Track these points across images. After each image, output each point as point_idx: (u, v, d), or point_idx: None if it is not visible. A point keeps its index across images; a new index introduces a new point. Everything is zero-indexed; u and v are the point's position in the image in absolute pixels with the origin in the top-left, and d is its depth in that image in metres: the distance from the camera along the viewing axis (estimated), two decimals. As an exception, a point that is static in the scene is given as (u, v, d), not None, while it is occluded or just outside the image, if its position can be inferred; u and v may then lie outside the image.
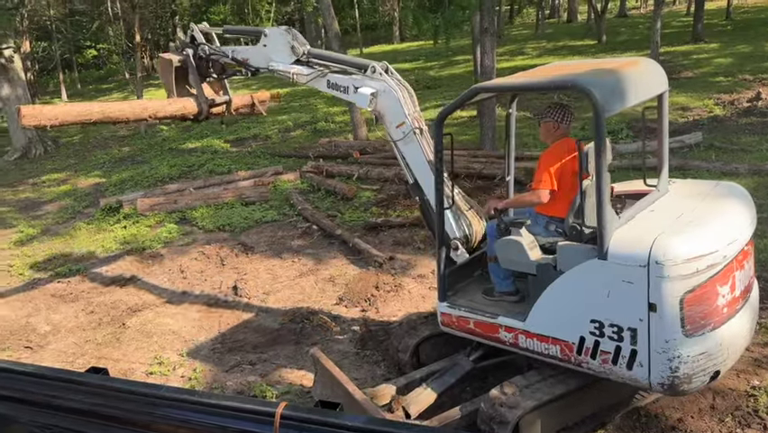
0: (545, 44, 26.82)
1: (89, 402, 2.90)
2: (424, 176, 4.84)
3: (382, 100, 4.83)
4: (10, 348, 6.38)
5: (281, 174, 11.78)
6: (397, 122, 4.83)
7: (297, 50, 5.22)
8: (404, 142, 4.84)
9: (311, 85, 5.21)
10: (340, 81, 5.05)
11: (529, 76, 4.48)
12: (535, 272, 4.19)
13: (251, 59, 5.54)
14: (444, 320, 4.63)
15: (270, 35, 5.36)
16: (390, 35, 37.76)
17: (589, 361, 3.90)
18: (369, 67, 4.89)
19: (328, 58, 5.27)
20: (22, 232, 10.38)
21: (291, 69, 5.25)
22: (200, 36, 5.83)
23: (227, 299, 7.13)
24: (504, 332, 4.28)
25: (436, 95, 18.54)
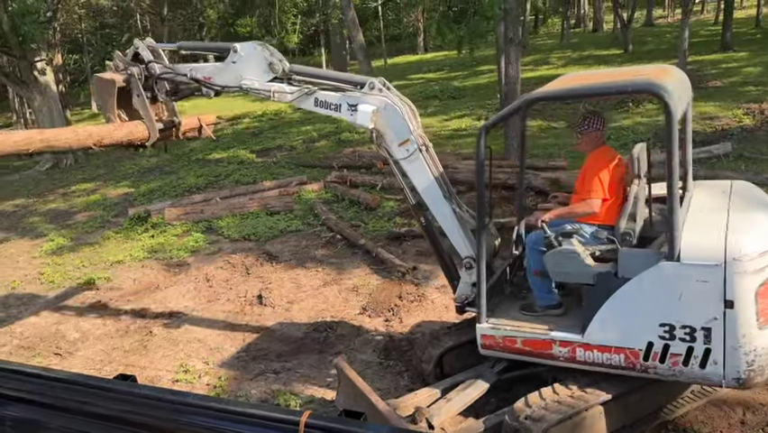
0: (570, 54, 26.66)
1: (117, 409, 2.95)
2: (431, 195, 4.68)
3: (383, 117, 4.57)
4: (40, 355, 6.51)
5: (306, 184, 11.86)
6: (400, 139, 4.59)
7: (276, 67, 4.81)
8: (408, 160, 4.63)
9: (295, 104, 4.84)
10: (330, 99, 4.70)
11: (577, 82, 4.36)
12: (593, 282, 4.09)
13: (216, 77, 5.04)
14: (486, 343, 4.39)
15: (243, 51, 4.89)
16: (415, 46, 37.91)
17: (657, 366, 3.88)
18: (366, 83, 4.62)
19: (314, 74, 4.96)
20: (52, 241, 10.60)
21: (271, 86, 4.84)
22: (148, 53, 5.28)
23: (252, 308, 7.19)
24: (558, 347, 4.15)
25: (460, 105, 18.54)
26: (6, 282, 8.81)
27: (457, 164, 11.23)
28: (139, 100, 5.24)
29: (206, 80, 5.10)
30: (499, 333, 4.34)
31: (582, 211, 4.32)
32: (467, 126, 15.68)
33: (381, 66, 22.14)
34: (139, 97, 5.23)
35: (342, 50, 29.78)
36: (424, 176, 4.68)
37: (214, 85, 5.07)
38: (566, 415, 3.94)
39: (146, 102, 5.24)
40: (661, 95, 3.63)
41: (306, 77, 4.88)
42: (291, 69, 4.84)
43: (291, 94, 4.79)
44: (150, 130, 5.26)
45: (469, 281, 4.74)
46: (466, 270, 4.71)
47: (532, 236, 4.50)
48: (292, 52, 40.19)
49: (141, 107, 5.26)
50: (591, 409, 4.04)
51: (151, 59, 5.27)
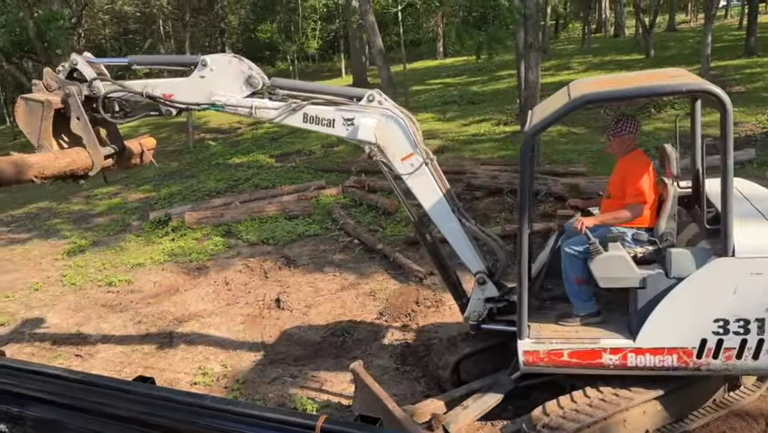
0: (591, 59, 26.46)
1: (136, 411, 2.98)
2: (438, 211, 4.53)
3: (385, 131, 4.31)
4: (61, 356, 6.61)
5: (324, 189, 11.91)
6: (404, 153, 4.37)
7: (256, 82, 4.37)
8: (413, 176, 4.40)
9: (279, 121, 4.43)
10: (322, 114, 4.36)
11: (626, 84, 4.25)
12: (643, 285, 4.06)
13: (180, 94, 4.47)
14: (530, 359, 4.20)
15: (214, 64, 4.38)
16: (434, 51, 37.91)
17: (710, 362, 3.93)
18: (365, 95, 4.34)
19: (301, 88, 4.55)
20: (74, 243, 10.76)
21: (251, 102, 4.40)
22: (90, 70, 4.57)
23: (270, 312, 7.22)
24: (609, 355, 4.08)
25: (479, 110, 18.49)
26: (29, 283, 8.96)
27: (475, 169, 11.20)
28: (80, 123, 4.50)
29: (167, 98, 4.49)
30: (544, 347, 4.16)
31: (628, 216, 4.27)
32: (485, 131, 15.64)
33: (400, 71, 22.12)
34: (80, 120, 4.49)
35: (362, 55, 29.88)
36: (430, 191, 4.47)
37: (177, 103, 4.49)
38: (584, 424, 3.91)
39: (89, 125, 4.52)
40: (718, 95, 3.66)
41: (292, 91, 4.46)
42: (273, 82, 4.43)
43: (275, 110, 4.38)
44: (93, 157, 4.52)
45: (482, 297, 4.66)
46: (479, 285, 4.62)
47: (572, 244, 4.36)
48: (312, 58, 40.46)
49: (84, 132, 4.51)
50: (610, 419, 4.00)
51: (95, 77, 4.55)
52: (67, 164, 4.40)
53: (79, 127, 4.53)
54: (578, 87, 4.24)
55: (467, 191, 10.26)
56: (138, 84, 4.56)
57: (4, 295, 8.61)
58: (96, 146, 4.56)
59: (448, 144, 14.59)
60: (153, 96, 4.50)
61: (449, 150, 14.07)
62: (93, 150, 4.53)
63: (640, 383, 4.14)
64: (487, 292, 4.64)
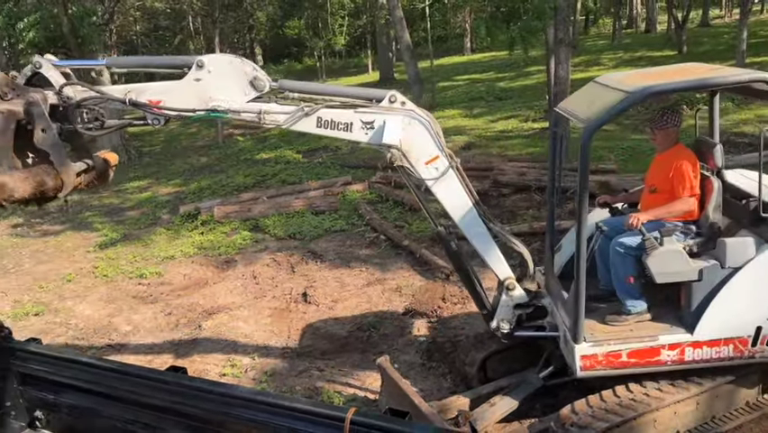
0: (622, 55, 26.06)
1: (168, 400, 3.05)
2: (465, 217, 4.36)
3: (408, 133, 4.07)
4: (93, 346, 6.75)
5: (350, 184, 11.94)
6: (427, 158, 4.14)
7: (261, 84, 3.91)
8: (439, 181, 4.19)
9: (289, 127, 4.04)
10: (338, 117, 4.03)
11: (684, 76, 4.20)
12: (699, 278, 4.04)
13: (170, 100, 3.91)
14: (587, 364, 4.08)
15: (212, 66, 3.88)
16: (461, 47, 37.70)
17: (765, 349, 3.98)
18: (386, 96, 4.07)
19: (313, 90, 4.20)
20: (106, 236, 10.96)
21: (257, 107, 3.95)
22: (57, 74, 3.87)
23: (297, 306, 7.28)
24: (667, 351, 4.06)
25: (507, 106, 18.35)
26: (62, 275, 9.16)
27: (503, 166, 11.12)
28: (46, 137, 3.75)
29: (155, 105, 3.91)
30: (602, 349, 4.06)
31: (681, 210, 4.25)
32: (513, 128, 15.51)
33: (427, 67, 22.05)
34: (46, 133, 3.74)
35: (389, 51, 29.85)
36: (456, 196, 4.28)
37: (167, 110, 3.91)
38: (613, 423, 3.86)
39: (57, 139, 3.79)
40: None
41: (303, 93, 4.10)
42: (281, 84, 4.04)
43: (286, 114, 3.98)
44: (63, 176, 3.77)
45: (510, 304, 4.57)
46: (507, 292, 4.54)
47: (623, 242, 4.27)
48: (338, 54, 40.54)
49: (52, 146, 3.75)
50: (640, 418, 3.95)
51: (64, 82, 3.86)
52: (36, 186, 3.71)
53: (46, 141, 3.73)
54: (616, 81, 4.19)
55: (494, 188, 10.19)
56: (119, 89, 3.93)
57: (38, 286, 8.82)
58: (67, 163, 3.82)
59: (475, 141, 14.51)
60: (138, 104, 3.89)
61: (476, 146, 13.99)
62: (63, 167, 3.77)
63: (672, 383, 4.09)
64: (516, 298, 4.54)
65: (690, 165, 4.26)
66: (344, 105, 4.08)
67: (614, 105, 3.79)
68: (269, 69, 37.89)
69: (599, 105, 3.96)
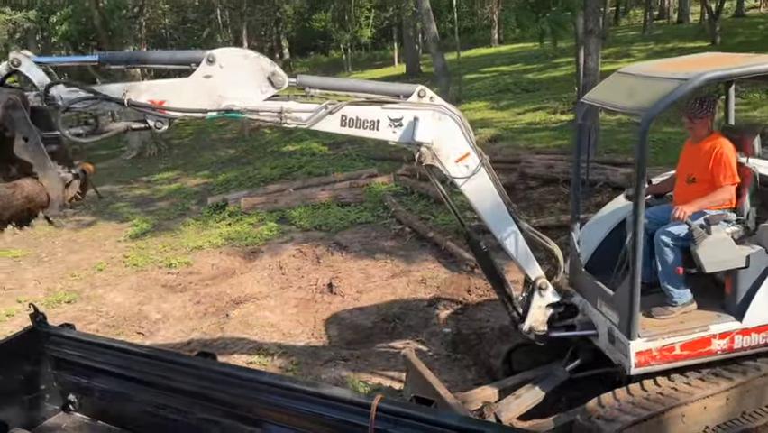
0: (653, 46, 25.56)
1: (198, 385, 3.11)
2: (496, 216, 4.18)
3: (439, 130, 3.86)
4: (123, 333, 6.89)
5: (375, 177, 11.96)
6: (458, 155, 3.95)
7: (279, 80, 3.55)
8: (470, 180, 4.00)
9: (311, 126, 3.70)
10: (364, 114, 3.74)
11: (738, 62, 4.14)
12: (747, 265, 4.01)
13: (176, 99, 3.49)
14: (641, 360, 4.00)
15: (224, 61, 3.48)
16: (489, 38, 37.37)
17: None
18: (414, 90, 3.82)
19: (334, 86, 3.84)
20: (136, 226, 11.16)
21: (279, 105, 3.60)
22: (39, 72, 3.36)
23: (322, 296, 7.34)
24: (717, 341, 4.04)
25: (535, 98, 18.17)
26: (94, 264, 9.36)
27: (530, 158, 11.02)
28: (29, 145, 3.26)
29: (158, 105, 3.47)
30: (656, 344, 3.99)
31: (724, 198, 4.22)
32: (541, 120, 15.35)
33: (454, 59, 21.91)
34: (28, 142, 3.25)
35: (415, 43, 29.73)
36: (487, 194, 4.09)
37: (173, 111, 3.49)
38: (641, 417, 3.82)
39: (41, 147, 3.26)
40: None
41: (325, 90, 3.76)
42: (301, 80, 3.66)
43: (308, 112, 3.65)
44: (49, 190, 3.28)
45: (543, 305, 4.46)
46: (539, 292, 4.40)
47: (670, 231, 4.21)
48: (365, 47, 40.51)
49: (35, 156, 3.25)
50: (668, 413, 3.90)
51: (50, 82, 3.36)
52: (24, 201, 3.22)
53: (28, 150, 3.22)
54: (643, 70, 4.18)
55: (520, 181, 10.12)
56: (116, 88, 3.44)
57: (70, 274, 9.03)
58: (54, 175, 3.31)
59: (502, 133, 14.41)
60: (138, 105, 3.42)
61: (503, 139, 13.89)
62: (50, 180, 3.27)
63: (701, 378, 4.04)
64: (548, 298, 4.43)
65: (730, 153, 4.23)
66: (370, 102, 3.79)
67: (670, 92, 3.69)
68: (296, 62, 38.10)
69: (650, 93, 3.85)
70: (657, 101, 3.71)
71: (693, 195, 4.29)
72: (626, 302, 3.95)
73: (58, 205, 3.35)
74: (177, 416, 3.25)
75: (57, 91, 3.33)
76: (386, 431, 2.43)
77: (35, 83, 3.35)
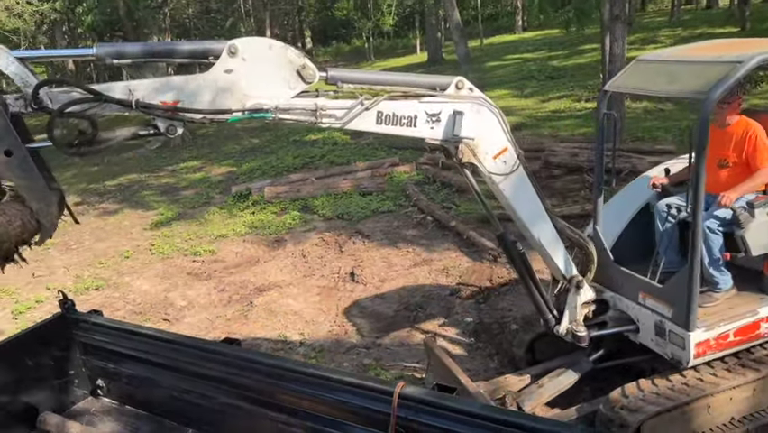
0: (680, 32, 25.04)
1: (223, 371, 3.16)
2: (534, 215, 3.97)
3: (480, 124, 3.58)
4: (150, 320, 7.00)
5: (397, 166, 11.96)
6: (496, 150, 3.69)
7: (310, 74, 3.09)
8: (508, 176, 3.76)
9: (345, 125, 3.32)
10: (401, 110, 3.38)
11: None
12: None
13: (191, 99, 2.95)
14: (700, 351, 3.94)
15: (248, 53, 2.98)
16: (512, 25, 36.96)
17: None
18: (450, 83, 3.51)
19: (366, 80, 3.42)
20: (162, 214, 11.31)
21: (313, 103, 3.17)
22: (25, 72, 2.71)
23: (345, 285, 7.38)
24: (765, 323, 4.06)
25: (559, 85, 17.94)
26: (121, 251, 9.52)
27: (554, 146, 10.92)
28: (15, 161, 2.63)
29: (171, 107, 2.93)
30: (712, 333, 3.95)
31: (764, 181, 4.18)
32: (566, 108, 15.17)
33: (477, 46, 21.73)
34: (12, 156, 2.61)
35: (437, 31, 29.51)
36: (524, 192, 3.86)
37: (189, 113, 2.95)
38: (665, 407, 3.79)
39: (30, 163, 2.68)
40: None
41: (358, 84, 3.34)
42: (332, 75, 3.23)
43: (347, 110, 3.26)
44: (40, 214, 2.73)
45: (578, 303, 4.34)
46: (576, 290, 4.27)
47: (716, 217, 4.15)
48: (386, 35, 40.34)
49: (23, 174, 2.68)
50: (693, 404, 3.86)
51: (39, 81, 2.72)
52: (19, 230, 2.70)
53: (12, 168, 2.64)
54: (667, 55, 4.12)
55: (544, 169, 10.03)
56: (119, 88, 2.87)
57: (98, 262, 9.20)
58: (49, 196, 2.73)
59: (526, 121, 14.28)
60: (148, 106, 2.87)
61: (527, 127, 13.77)
62: (42, 203, 2.70)
63: (728, 369, 3.99)
64: (584, 296, 4.32)
65: (763, 136, 4.18)
66: (406, 96, 3.44)
67: (726, 75, 3.60)
68: (318, 50, 38.10)
69: (703, 77, 3.75)
70: (716, 84, 3.62)
71: (727, 179, 4.25)
72: (682, 294, 3.87)
73: (52, 233, 2.77)
74: (202, 401, 3.30)
75: (47, 93, 2.70)
76: (408, 418, 2.44)
77: (18, 83, 2.69)
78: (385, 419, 2.47)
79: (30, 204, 2.68)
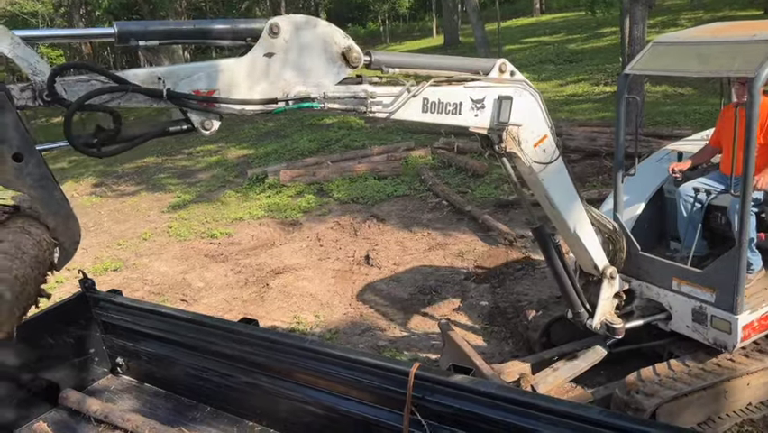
0: (702, 15, 24.57)
1: (240, 349, 3.20)
2: (572, 205, 3.81)
3: (522, 110, 3.34)
4: (168, 301, 7.08)
5: (413, 150, 11.92)
6: (537, 138, 3.47)
7: (356, 57, 2.70)
8: (549, 166, 3.56)
9: (391, 115, 2.99)
10: (446, 96, 3.11)
11: None
12: None
13: (229, 88, 2.50)
14: (746, 333, 3.90)
15: (291, 32, 2.56)
16: (530, 8, 36.48)
17: None
18: (495, 64, 3.25)
19: (410, 64, 3.07)
20: (179, 197, 11.40)
21: (362, 90, 2.81)
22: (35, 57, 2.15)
23: (360, 268, 7.40)
24: None
25: (577, 69, 17.73)
26: (139, 233, 9.62)
27: (572, 131, 10.81)
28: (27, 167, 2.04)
29: (206, 96, 2.46)
30: (757, 314, 3.91)
31: None
32: (583, 92, 15.00)
33: (494, 29, 21.49)
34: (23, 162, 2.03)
35: (454, 14, 29.23)
36: (562, 181, 3.69)
37: (227, 103, 2.51)
38: (681, 392, 3.78)
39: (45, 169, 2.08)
40: None
41: (403, 68, 3.00)
42: (376, 59, 2.82)
43: (395, 97, 2.94)
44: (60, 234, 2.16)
45: (611, 295, 4.27)
46: (608, 281, 4.19)
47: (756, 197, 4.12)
48: (403, 18, 40.02)
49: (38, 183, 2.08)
50: (710, 389, 3.85)
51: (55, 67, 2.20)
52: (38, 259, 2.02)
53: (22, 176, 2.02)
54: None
55: (561, 153, 9.94)
56: (146, 74, 2.37)
57: (116, 243, 9.31)
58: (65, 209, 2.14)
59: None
60: (180, 96, 2.40)
61: (543, 111, 13.63)
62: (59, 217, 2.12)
63: (746, 354, 3.97)
64: (616, 287, 4.26)
65: None
66: (450, 81, 3.15)
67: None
68: (334, 33, 37.87)
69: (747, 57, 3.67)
70: (764, 62, 3.55)
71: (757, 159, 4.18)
72: (727, 277, 3.82)
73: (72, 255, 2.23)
74: (220, 379, 3.34)
75: (66, 84, 2.22)
76: (423, 398, 2.46)
77: (25, 70, 2.13)
78: (401, 398, 2.49)
79: (45, 220, 2.07)
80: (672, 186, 4.68)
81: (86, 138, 2.31)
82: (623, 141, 4.52)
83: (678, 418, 3.81)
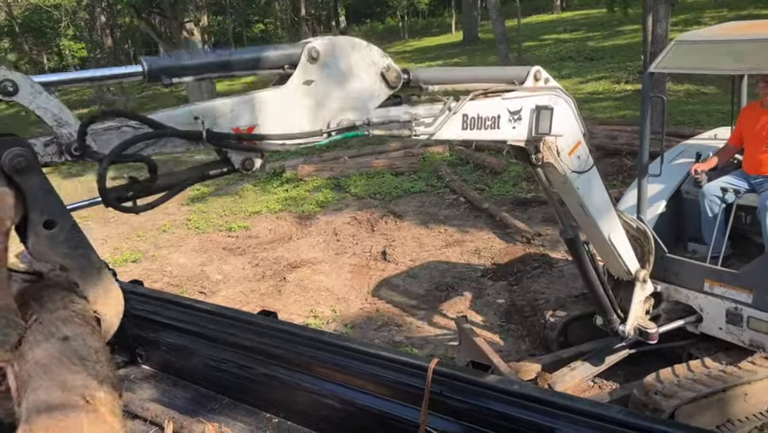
0: (726, 13, 24.21)
1: (259, 341, 3.21)
2: (606, 213, 3.73)
3: (559, 119, 3.17)
4: (186, 292, 7.15)
5: (430, 146, 11.90)
6: (572, 145, 3.35)
7: (394, 77, 2.47)
8: (584, 174, 3.45)
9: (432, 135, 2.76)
10: (484, 110, 2.92)
11: None
12: None
13: (270, 122, 2.21)
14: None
15: (331, 55, 2.31)
16: (550, 5, 36.18)
17: None
18: (528, 73, 3.11)
19: (452, 79, 2.88)
20: (197, 190, 11.47)
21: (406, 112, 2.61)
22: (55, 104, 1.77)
23: (376, 263, 7.42)
24: None
25: (598, 67, 17.57)
26: (158, 225, 9.71)
27: (592, 129, 10.72)
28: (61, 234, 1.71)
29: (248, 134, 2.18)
30: None
31: None
32: (604, 90, 14.87)
33: (514, 25, 21.35)
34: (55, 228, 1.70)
35: (474, 10, 29.07)
36: (597, 189, 3.59)
37: (270, 139, 2.21)
38: (700, 394, 3.75)
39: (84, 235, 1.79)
40: None
41: (443, 84, 2.79)
42: (416, 77, 2.58)
43: (437, 117, 2.72)
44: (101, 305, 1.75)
45: (642, 299, 4.23)
46: (640, 285, 4.15)
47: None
48: (421, 13, 39.89)
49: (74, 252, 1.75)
50: (730, 391, 3.81)
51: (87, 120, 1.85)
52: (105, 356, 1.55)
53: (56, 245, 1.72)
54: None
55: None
56: (183, 114, 2.05)
57: (136, 235, 9.41)
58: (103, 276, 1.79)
59: (562, 103, 14.03)
60: (221, 137, 2.10)
61: (563, 109, 13.53)
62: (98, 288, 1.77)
63: (767, 357, 3.91)
64: (647, 290, 4.21)
65: None
66: (486, 94, 2.96)
67: None
68: (352, 29, 37.88)
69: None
70: None
71: None
72: (766, 278, 3.79)
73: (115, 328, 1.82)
74: (238, 370, 3.36)
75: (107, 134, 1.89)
76: (442, 394, 2.45)
77: (48, 122, 1.79)
78: (419, 393, 2.49)
79: (84, 292, 1.74)
80: (692, 186, 4.62)
81: (120, 192, 1.98)
82: (648, 141, 4.45)
83: (696, 419, 3.78)
